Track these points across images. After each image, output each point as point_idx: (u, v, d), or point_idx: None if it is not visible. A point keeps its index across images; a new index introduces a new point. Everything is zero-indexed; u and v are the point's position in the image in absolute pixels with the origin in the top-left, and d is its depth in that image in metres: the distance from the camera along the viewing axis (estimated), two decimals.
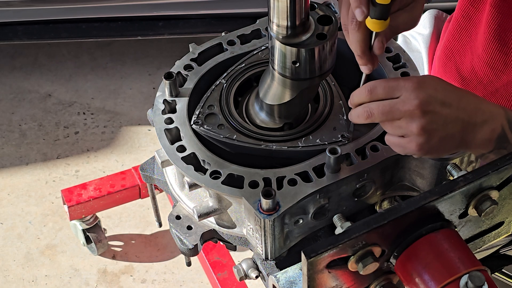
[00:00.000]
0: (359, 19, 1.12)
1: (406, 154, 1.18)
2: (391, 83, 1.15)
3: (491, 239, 1.25)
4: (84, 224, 2.39)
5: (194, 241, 1.33)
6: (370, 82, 1.16)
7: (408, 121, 1.13)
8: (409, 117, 1.12)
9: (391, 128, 1.16)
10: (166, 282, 2.43)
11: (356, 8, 1.11)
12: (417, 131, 1.12)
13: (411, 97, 1.12)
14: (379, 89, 1.15)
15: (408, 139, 1.15)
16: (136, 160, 2.75)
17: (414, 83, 1.13)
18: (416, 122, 1.12)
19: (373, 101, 1.15)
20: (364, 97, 1.16)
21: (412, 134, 1.13)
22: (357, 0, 1.10)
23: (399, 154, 1.21)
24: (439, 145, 1.15)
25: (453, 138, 1.15)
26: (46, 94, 2.99)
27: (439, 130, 1.13)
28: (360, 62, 1.18)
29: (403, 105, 1.12)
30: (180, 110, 1.34)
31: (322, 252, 1.02)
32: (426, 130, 1.12)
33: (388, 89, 1.14)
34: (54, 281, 2.42)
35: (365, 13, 1.11)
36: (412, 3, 1.19)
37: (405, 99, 1.12)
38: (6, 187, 2.68)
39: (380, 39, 1.15)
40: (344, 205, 1.27)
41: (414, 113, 1.12)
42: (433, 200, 1.07)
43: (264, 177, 1.23)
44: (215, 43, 1.43)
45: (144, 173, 1.44)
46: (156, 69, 3.07)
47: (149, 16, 2.81)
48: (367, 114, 1.15)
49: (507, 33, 1.42)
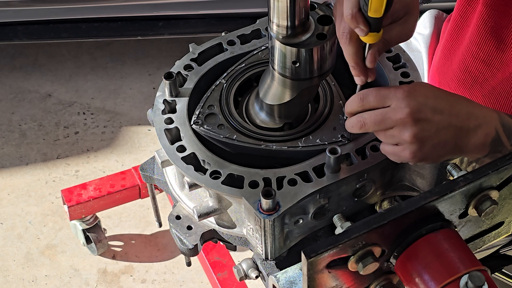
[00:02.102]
0: (362, 35, 1.13)
1: (402, 162, 1.19)
2: (382, 91, 1.15)
3: (491, 239, 1.25)
4: (84, 224, 2.39)
5: (194, 241, 1.33)
6: (363, 91, 1.17)
7: (400, 129, 1.13)
8: (401, 125, 1.13)
9: (385, 137, 1.17)
10: (166, 282, 2.43)
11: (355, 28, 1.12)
12: (409, 139, 1.13)
13: (402, 106, 1.13)
14: (370, 98, 1.16)
15: (402, 147, 1.15)
16: (136, 160, 2.75)
17: (404, 92, 1.14)
18: (408, 130, 1.13)
19: (365, 109, 1.16)
20: (357, 106, 1.17)
21: (405, 142, 1.14)
22: (354, 19, 1.11)
23: None
24: (433, 151, 1.15)
25: (446, 144, 1.15)
26: (46, 94, 2.99)
27: (431, 137, 1.14)
28: (353, 73, 1.20)
29: (395, 113, 1.13)
30: (180, 110, 1.34)
31: (322, 252, 1.02)
32: (418, 138, 1.13)
33: (379, 98, 1.15)
34: (54, 281, 2.42)
35: (365, 30, 1.12)
36: (405, 16, 1.19)
37: (396, 107, 1.13)
38: (6, 187, 2.68)
39: (373, 52, 1.16)
40: (344, 205, 1.28)
41: (405, 122, 1.12)
42: (433, 200, 1.07)
43: (264, 177, 1.23)
44: (215, 43, 1.43)
45: (144, 173, 1.44)
46: (156, 69, 3.07)
47: (149, 16, 2.81)
48: (360, 124, 1.16)
49: (504, 30, 1.42)
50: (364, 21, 1.11)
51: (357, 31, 1.13)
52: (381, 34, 1.13)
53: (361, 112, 1.17)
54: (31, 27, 2.81)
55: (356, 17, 1.10)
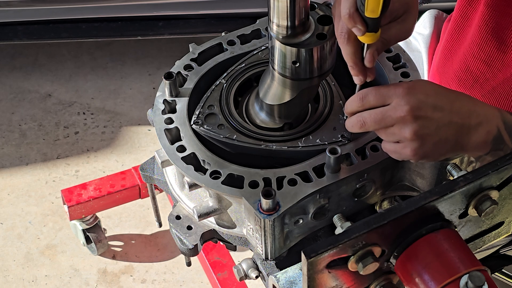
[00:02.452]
0: (359, 34, 1.12)
1: (403, 159, 1.19)
2: (381, 90, 1.15)
3: (491, 239, 1.25)
4: (84, 224, 2.39)
5: (194, 241, 1.33)
6: (362, 90, 1.17)
7: (400, 127, 1.13)
8: (401, 123, 1.13)
9: (385, 135, 1.17)
10: (166, 282, 2.43)
11: (352, 27, 1.12)
12: (410, 136, 1.13)
13: (402, 103, 1.13)
14: (370, 97, 1.16)
15: (403, 144, 1.15)
16: (136, 160, 2.75)
17: (404, 89, 1.14)
18: (408, 127, 1.13)
19: (365, 109, 1.16)
20: (357, 105, 1.17)
21: (405, 140, 1.14)
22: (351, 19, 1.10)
23: None
24: (434, 149, 1.15)
25: (447, 141, 1.15)
26: (46, 94, 2.99)
27: (432, 135, 1.14)
28: (352, 73, 1.19)
29: (395, 111, 1.13)
30: (180, 110, 1.34)
31: (322, 252, 1.02)
32: (418, 135, 1.13)
33: (379, 96, 1.15)
34: (54, 281, 2.42)
35: (362, 30, 1.11)
36: (404, 14, 1.18)
37: (396, 105, 1.13)
38: (6, 187, 2.68)
39: (371, 51, 1.16)
40: (344, 205, 1.27)
41: (405, 119, 1.12)
42: (433, 200, 1.07)
43: (264, 177, 1.23)
44: (215, 43, 1.43)
45: (144, 173, 1.44)
46: (156, 69, 3.07)
47: (149, 16, 2.81)
48: (360, 124, 1.16)
49: (505, 31, 1.42)
50: (361, 21, 1.11)
51: (354, 31, 1.12)
52: (379, 34, 1.13)
53: (361, 111, 1.17)
54: (31, 27, 2.81)
55: (353, 17, 1.10)
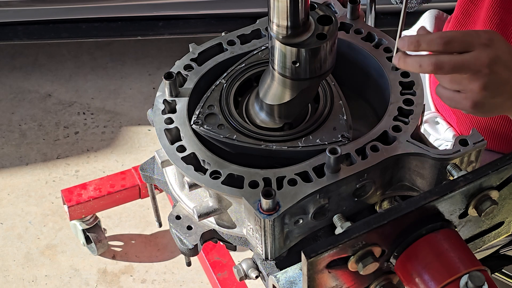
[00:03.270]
0: None
1: (456, 108, 1.19)
2: (466, 37, 1.13)
3: (491, 239, 1.25)
4: (84, 224, 2.39)
5: (194, 241, 1.33)
6: (444, 33, 1.14)
7: (471, 78, 1.13)
8: (474, 74, 1.13)
9: (450, 82, 1.16)
10: (166, 282, 2.43)
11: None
12: (478, 89, 1.13)
13: (483, 55, 1.12)
14: (455, 44, 1.13)
15: (465, 95, 1.15)
16: (136, 160, 2.75)
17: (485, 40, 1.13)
18: (479, 80, 1.13)
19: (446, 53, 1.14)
20: (437, 47, 1.13)
21: (471, 91, 1.14)
22: None
23: (399, 153, 1.21)
24: (492, 105, 1.16)
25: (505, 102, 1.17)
26: (46, 94, 2.99)
27: (496, 92, 1.14)
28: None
29: (475, 62, 1.12)
30: (180, 110, 1.34)
31: (322, 252, 1.02)
32: (486, 89, 1.13)
33: (464, 45, 1.13)
34: (54, 281, 2.42)
35: None
36: None
37: (477, 55, 1.12)
38: (6, 187, 2.68)
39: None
40: (344, 205, 1.27)
41: (480, 72, 1.12)
42: (433, 200, 1.07)
43: (264, 177, 1.23)
44: (215, 43, 1.43)
45: (144, 173, 1.44)
46: (156, 69, 3.07)
47: (149, 16, 2.81)
48: (436, 66, 1.13)
49: (509, 27, 1.42)
50: None
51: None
52: None
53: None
54: (31, 27, 2.81)
55: None
